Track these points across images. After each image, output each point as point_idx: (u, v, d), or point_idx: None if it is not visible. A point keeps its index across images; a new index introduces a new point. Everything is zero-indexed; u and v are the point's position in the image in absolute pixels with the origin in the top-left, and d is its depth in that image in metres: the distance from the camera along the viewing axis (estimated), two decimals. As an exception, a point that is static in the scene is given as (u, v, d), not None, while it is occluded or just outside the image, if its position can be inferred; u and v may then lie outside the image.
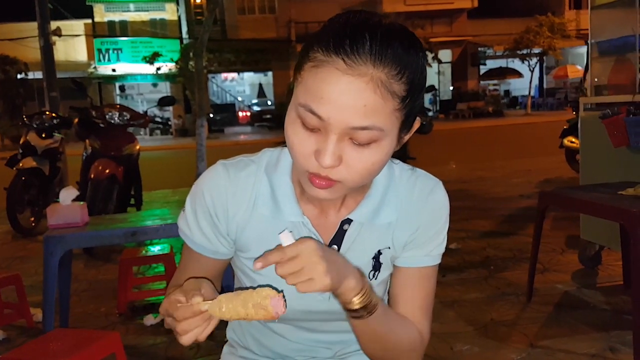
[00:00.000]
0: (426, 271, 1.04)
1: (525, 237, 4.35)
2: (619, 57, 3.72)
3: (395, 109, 0.81)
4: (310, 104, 0.80)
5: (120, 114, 5.20)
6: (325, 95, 0.79)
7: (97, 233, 2.58)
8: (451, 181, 7.87)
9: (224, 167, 1.00)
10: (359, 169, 0.83)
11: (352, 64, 0.78)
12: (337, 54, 0.78)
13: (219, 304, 0.80)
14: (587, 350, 2.50)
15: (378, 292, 1.05)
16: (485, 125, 21.88)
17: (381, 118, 0.80)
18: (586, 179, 3.68)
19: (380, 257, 1.02)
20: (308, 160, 0.83)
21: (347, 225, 1.00)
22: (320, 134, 0.82)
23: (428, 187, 1.03)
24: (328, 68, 0.79)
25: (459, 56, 29.89)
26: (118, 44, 26.16)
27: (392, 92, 0.80)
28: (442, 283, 3.52)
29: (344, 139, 0.81)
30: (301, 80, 0.83)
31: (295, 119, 0.84)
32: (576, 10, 28.22)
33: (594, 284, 3.38)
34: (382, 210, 1.00)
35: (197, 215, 1.00)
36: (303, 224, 0.99)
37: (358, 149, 0.82)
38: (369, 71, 0.78)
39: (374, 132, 0.80)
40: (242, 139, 21.39)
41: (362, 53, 0.78)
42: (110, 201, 4.78)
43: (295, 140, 0.84)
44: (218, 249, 1.02)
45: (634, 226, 2.32)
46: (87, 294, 3.72)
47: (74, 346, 1.86)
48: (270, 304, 0.77)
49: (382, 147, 0.83)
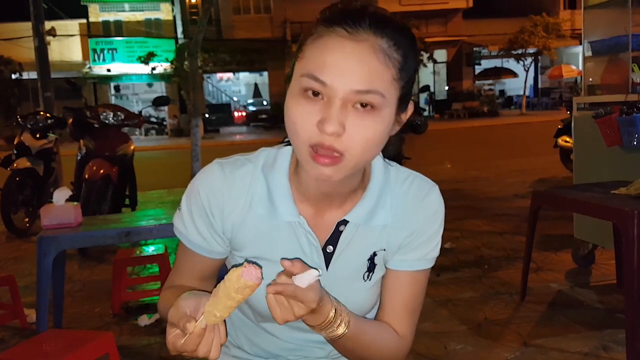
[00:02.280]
0: (418, 275, 1.04)
1: (519, 237, 4.36)
2: (612, 56, 3.73)
3: (394, 78, 0.85)
4: (313, 72, 0.83)
5: (115, 114, 5.19)
6: (329, 61, 0.82)
7: (91, 233, 2.57)
8: (446, 181, 7.88)
9: (220, 166, 1.00)
10: (361, 138, 0.84)
11: (354, 31, 0.82)
12: (339, 24, 0.83)
13: (211, 313, 0.80)
14: (580, 349, 2.51)
15: (373, 293, 1.05)
16: (480, 125, 21.92)
17: (382, 83, 0.83)
18: (580, 178, 3.69)
19: (375, 258, 1.03)
20: (310, 131, 0.84)
21: (342, 226, 1.00)
22: (322, 103, 0.83)
23: (423, 190, 1.04)
24: (331, 36, 0.83)
25: (454, 56, 29.92)
26: (113, 43, 26.08)
27: (392, 60, 0.84)
28: (436, 282, 3.53)
29: (347, 106, 0.83)
30: (302, 55, 0.86)
31: (296, 93, 0.85)
32: (571, 10, 28.29)
33: (587, 283, 3.40)
34: (378, 212, 1.00)
35: (192, 214, 1.00)
36: (299, 224, 0.99)
37: (361, 115, 0.83)
38: (370, 38, 0.82)
39: (376, 96, 0.83)
40: (237, 139, 21.36)
41: (363, 23, 0.83)
42: (105, 201, 4.77)
43: (296, 112, 0.85)
44: (213, 248, 1.02)
45: (627, 225, 2.33)
46: (81, 295, 3.71)
47: (68, 347, 1.86)
48: (246, 279, 0.77)
49: (382, 116, 0.85)
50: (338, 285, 1.01)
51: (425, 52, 24.36)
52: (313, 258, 1.00)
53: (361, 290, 1.04)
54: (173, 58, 22.83)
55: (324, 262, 1.01)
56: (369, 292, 1.05)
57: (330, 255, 1.01)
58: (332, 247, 1.01)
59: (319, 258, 1.01)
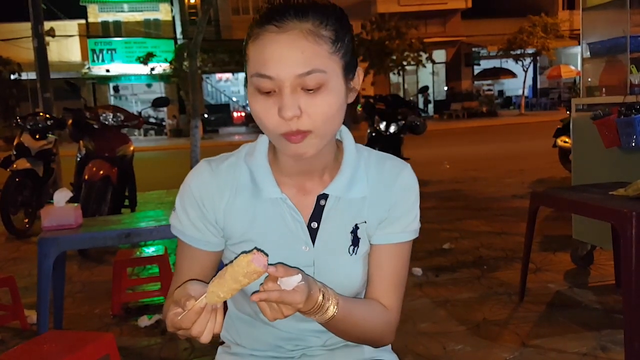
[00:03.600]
0: (401, 247, 1.11)
1: (518, 237, 4.37)
2: (610, 58, 3.74)
3: (330, 52, 0.92)
4: (259, 70, 0.92)
5: (114, 115, 5.20)
6: (268, 57, 0.91)
7: (91, 235, 2.58)
8: (445, 181, 7.90)
9: (207, 162, 1.09)
10: (319, 114, 0.93)
11: (282, 24, 0.91)
12: (268, 22, 0.92)
13: (214, 293, 0.85)
14: (578, 349, 2.52)
15: (359, 267, 1.10)
16: (479, 125, 21.94)
17: (320, 60, 0.91)
18: (578, 179, 3.70)
19: (358, 231, 1.09)
20: (276, 123, 0.93)
21: (323, 200, 1.07)
22: (276, 95, 0.92)
23: (397, 168, 1.12)
24: (264, 35, 0.92)
25: (452, 56, 29.93)
26: (112, 44, 26.08)
27: (322, 37, 0.91)
28: (435, 283, 3.54)
29: (297, 90, 0.91)
30: (247, 59, 0.95)
31: (253, 92, 0.95)
32: (569, 11, 28.30)
33: (585, 284, 3.41)
34: (355, 184, 1.07)
35: (186, 209, 1.08)
36: (282, 200, 1.06)
37: (311, 96, 0.92)
38: (296, 25, 0.91)
39: (318, 74, 0.91)
40: (236, 139, 21.35)
41: (287, 14, 0.91)
42: (104, 202, 4.77)
43: (258, 108, 0.94)
44: (209, 239, 1.08)
45: (625, 226, 2.34)
46: (81, 296, 3.72)
47: (68, 348, 1.86)
48: (256, 265, 0.82)
49: (331, 89, 0.93)
50: (326, 261, 1.07)
51: (424, 53, 24.36)
52: (299, 235, 1.06)
53: (348, 264, 1.08)
54: (172, 58, 22.84)
55: (309, 238, 1.07)
56: (356, 266, 1.09)
57: (315, 231, 1.07)
58: (316, 224, 1.07)
59: (305, 234, 1.07)
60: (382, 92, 19.60)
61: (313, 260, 1.07)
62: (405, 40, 23.55)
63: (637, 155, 3.21)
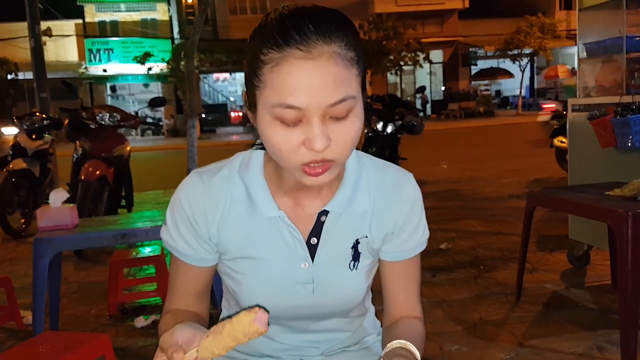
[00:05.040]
0: (416, 259, 1.10)
1: (514, 237, 4.38)
2: (606, 58, 3.75)
3: (356, 74, 0.86)
4: (285, 101, 0.82)
5: (111, 115, 5.18)
6: (297, 86, 0.81)
7: (87, 235, 2.57)
8: (442, 181, 7.90)
9: (198, 175, 1.03)
10: (347, 141, 0.87)
11: (308, 48, 0.81)
12: (290, 45, 0.81)
13: (208, 349, 0.79)
14: (574, 349, 2.52)
15: (360, 281, 1.07)
16: (477, 125, 21.97)
17: (350, 86, 0.84)
18: (575, 179, 3.71)
19: (359, 246, 1.05)
20: (298, 153, 0.86)
21: (324, 216, 1.03)
22: (302, 124, 0.84)
23: (400, 179, 1.07)
24: (288, 61, 0.81)
25: (450, 56, 29.99)
26: (109, 44, 26.06)
27: (349, 60, 0.84)
28: (432, 283, 3.54)
29: (325, 119, 0.84)
30: (263, 85, 0.85)
31: (272, 122, 0.85)
32: (566, 11, 28.36)
33: (582, 284, 3.41)
34: (356, 198, 1.03)
35: (178, 225, 1.02)
36: (280, 218, 1.01)
37: (340, 122, 0.85)
38: (324, 49, 0.82)
39: (349, 101, 0.84)
40: (234, 139, 21.35)
41: (311, 35, 0.81)
42: (101, 203, 4.76)
43: (279, 140, 0.86)
44: (203, 256, 1.04)
45: (621, 226, 2.34)
46: (77, 296, 3.71)
47: (64, 349, 1.86)
48: (258, 325, 0.78)
49: (357, 113, 0.87)
50: (325, 277, 1.04)
51: (421, 53, 24.39)
52: (297, 251, 1.02)
53: (348, 279, 1.05)
54: (169, 58, 22.83)
55: (308, 255, 1.02)
56: (357, 281, 1.06)
57: (314, 247, 1.03)
58: (315, 239, 1.03)
59: (304, 251, 1.02)
60: (380, 92, 19.60)
61: (312, 277, 1.03)
62: (402, 41, 23.60)
63: (633, 156, 3.22)
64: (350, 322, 1.15)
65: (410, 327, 1.06)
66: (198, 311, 1.07)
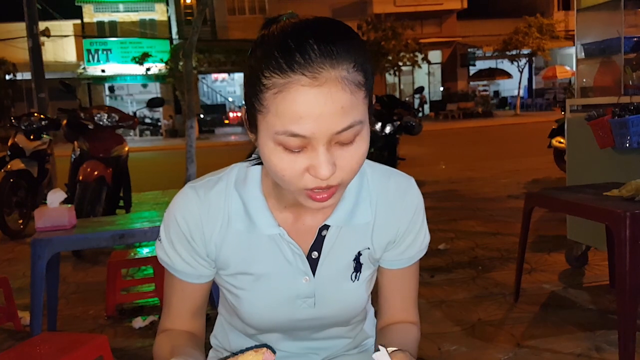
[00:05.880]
0: (415, 265, 1.09)
1: (513, 238, 4.38)
2: (604, 59, 3.76)
3: (364, 97, 0.82)
4: (290, 129, 0.78)
5: (109, 115, 5.18)
6: (303, 114, 0.77)
7: (85, 236, 2.57)
8: (440, 181, 7.90)
9: (193, 189, 0.98)
10: (353, 166, 0.84)
11: (313, 74, 0.76)
12: (294, 70, 0.76)
13: None
14: (573, 350, 2.52)
15: (362, 292, 1.05)
16: (475, 125, 21.99)
17: (358, 111, 0.81)
18: (573, 180, 3.71)
19: (361, 258, 1.03)
20: (302, 179, 0.83)
21: (325, 231, 1.00)
22: (306, 151, 0.81)
23: (402, 187, 1.04)
24: (293, 87, 0.77)
25: (448, 57, 30.02)
26: (107, 44, 26.05)
27: (356, 84, 0.80)
28: (430, 283, 3.54)
29: (331, 145, 0.81)
30: (266, 111, 0.80)
31: (275, 147, 0.82)
32: (565, 12, 28.41)
33: (580, 284, 3.41)
34: (358, 211, 1.00)
35: (173, 243, 0.99)
36: (280, 235, 0.98)
37: (346, 148, 0.82)
38: (331, 74, 0.77)
39: (356, 127, 0.81)
40: (232, 140, 21.34)
41: (316, 59, 0.77)
42: (99, 203, 4.76)
43: (283, 166, 0.82)
44: (201, 272, 1.01)
45: (619, 227, 2.34)
46: (75, 297, 3.70)
47: (62, 349, 1.86)
48: None
49: (364, 137, 0.84)
50: (327, 290, 1.02)
51: (420, 53, 24.42)
52: (298, 266, 1.00)
53: (350, 290, 1.04)
54: (168, 59, 22.83)
55: (309, 269, 1.00)
56: (358, 292, 1.05)
57: (315, 261, 1.01)
58: (317, 253, 1.00)
59: (304, 265, 1.00)
60: (378, 92, 19.61)
61: (314, 291, 1.01)
62: (401, 41, 23.63)
63: (631, 156, 3.22)
64: (352, 329, 1.14)
65: (405, 332, 1.06)
66: (194, 329, 1.05)
